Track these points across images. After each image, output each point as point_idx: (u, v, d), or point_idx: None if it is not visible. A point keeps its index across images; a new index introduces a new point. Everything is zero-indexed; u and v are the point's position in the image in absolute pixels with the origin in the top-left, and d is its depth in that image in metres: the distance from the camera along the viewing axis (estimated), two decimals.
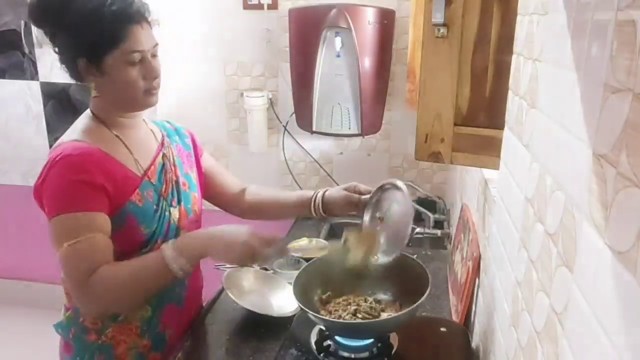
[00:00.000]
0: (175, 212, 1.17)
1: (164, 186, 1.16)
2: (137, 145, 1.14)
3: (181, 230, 1.18)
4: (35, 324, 2.63)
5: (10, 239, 2.88)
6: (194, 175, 1.27)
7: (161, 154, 1.19)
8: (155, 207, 1.12)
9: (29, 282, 2.93)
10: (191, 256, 1.04)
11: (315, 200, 1.26)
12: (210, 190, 1.34)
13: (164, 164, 1.18)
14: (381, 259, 1.13)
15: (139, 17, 1.05)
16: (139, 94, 1.08)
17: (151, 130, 1.22)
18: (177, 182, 1.20)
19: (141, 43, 1.05)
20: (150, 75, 1.08)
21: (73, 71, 1.08)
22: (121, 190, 1.06)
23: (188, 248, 1.05)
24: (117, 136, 1.11)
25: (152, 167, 1.15)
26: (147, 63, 1.08)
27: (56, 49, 1.08)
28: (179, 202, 1.19)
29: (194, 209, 1.23)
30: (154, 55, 1.10)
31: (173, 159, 1.21)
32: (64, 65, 1.09)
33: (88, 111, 1.13)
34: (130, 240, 1.08)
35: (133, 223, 1.08)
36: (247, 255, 1.05)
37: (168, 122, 1.32)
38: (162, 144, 1.21)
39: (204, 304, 1.38)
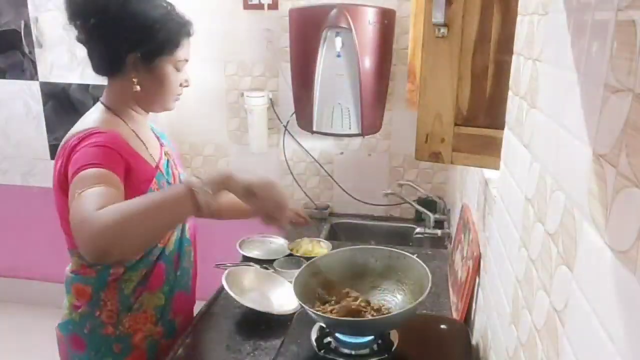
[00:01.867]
0: None
1: (172, 179, 1.22)
2: (147, 140, 1.20)
3: (186, 223, 1.24)
4: (35, 323, 2.64)
5: (10, 239, 2.88)
6: (184, 174, 1.33)
7: (164, 151, 1.25)
8: None
9: (29, 280, 2.93)
10: (214, 182, 0.97)
11: None
12: None
13: (168, 160, 1.25)
14: None
15: (189, 31, 1.19)
16: (172, 97, 1.20)
17: (151, 129, 1.28)
18: (179, 177, 1.27)
19: (188, 54, 1.21)
20: (187, 83, 1.22)
21: (115, 63, 1.12)
22: (141, 177, 1.09)
23: (210, 175, 0.99)
24: (132, 130, 1.16)
25: (161, 161, 1.21)
26: (185, 72, 1.22)
27: (85, 37, 1.09)
28: None
29: None
30: None
31: (172, 157, 1.28)
32: (99, 54, 1.12)
33: (100, 105, 1.16)
34: None
35: None
36: (267, 189, 0.99)
37: (154, 126, 1.34)
38: (161, 142, 1.27)
39: (204, 302, 1.40)
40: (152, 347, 1.20)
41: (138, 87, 1.13)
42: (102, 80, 1.18)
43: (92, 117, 1.13)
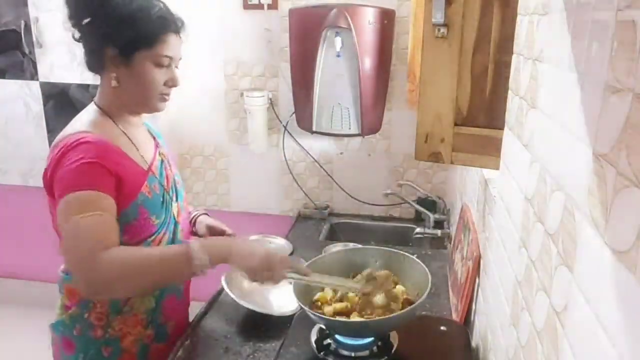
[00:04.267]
0: (174, 206, 1.21)
1: (166, 181, 1.20)
2: (139, 141, 1.18)
3: (178, 224, 1.22)
4: (34, 323, 2.63)
5: (10, 239, 2.88)
6: (180, 176, 1.32)
7: (158, 152, 1.23)
8: (161, 198, 1.16)
9: (29, 281, 2.93)
10: (215, 255, 1.03)
11: (192, 222, 1.39)
12: None
13: (162, 161, 1.22)
14: None
15: (177, 27, 1.14)
16: (155, 96, 1.14)
17: (147, 130, 1.27)
18: (174, 179, 1.25)
19: (173, 50, 1.13)
20: (172, 82, 1.15)
21: (97, 59, 1.11)
22: (132, 182, 1.08)
23: (214, 246, 1.05)
24: (123, 131, 1.14)
25: (154, 162, 1.19)
26: (172, 70, 1.15)
27: (79, 35, 1.10)
28: (176, 198, 1.23)
29: (185, 206, 1.29)
30: (176, 67, 1.17)
31: (167, 158, 1.26)
32: (87, 51, 1.12)
33: (92, 105, 1.16)
34: (142, 232, 1.10)
35: (145, 214, 1.10)
36: (265, 268, 1.04)
37: (151, 125, 1.33)
38: (157, 144, 1.26)
39: (203, 302, 1.39)
40: (143, 351, 1.18)
41: (115, 82, 1.10)
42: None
43: (83, 119, 1.12)
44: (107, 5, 1.06)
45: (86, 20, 1.08)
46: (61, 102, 2.56)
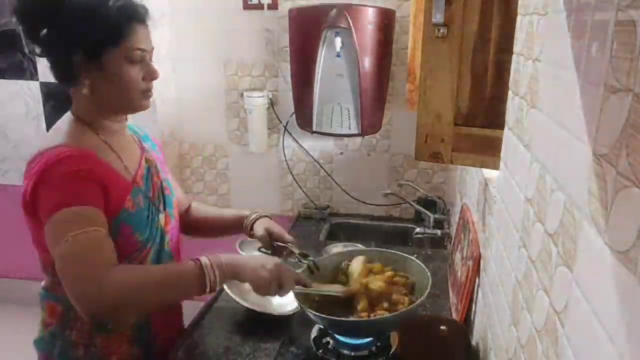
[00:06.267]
0: (161, 217, 1.15)
1: (152, 191, 1.14)
2: (123, 150, 1.10)
3: (166, 235, 1.15)
4: (34, 324, 2.64)
5: (10, 239, 2.88)
6: (170, 179, 1.25)
7: (144, 159, 1.15)
8: (146, 212, 1.09)
9: (29, 281, 2.93)
10: (226, 271, 1.00)
11: (245, 226, 1.32)
12: None
13: (148, 168, 1.15)
14: None
15: (141, 16, 1.04)
16: (136, 94, 1.06)
17: (131, 135, 1.18)
18: (161, 186, 1.18)
19: (144, 42, 1.05)
20: (150, 76, 1.07)
21: (66, 69, 1.02)
22: (116, 196, 1.02)
23: (225, 262, 1.01)
24: (104, 141, 1.07)
25: (139, 171, 1.11)
26: (147, 63, 1.06)
27: (41, 49, 1.02)
28: (164, 207, 1.17)
29: (174, 214, 1.21)
30: (151, 59, 1.09)
31: (155, 163, 1.19)
32: (53, 64, 1.04)
33: (69, 114, 1.08)
34: (125, 248, 1.03)
35: (127, 231, 1.04)
36: (275, 281, 1.02)
37: (136, 126, 1.25)
38: (143, 148, 1.18)
39: (203, 302, 1.39)
40: None
41: (86, 90, 1.01)
42: None
43: (61, 131, 1.04)
44: (61, 9, 0.97)
45: (44, 32, 0.99)
46: (61, 102, 2.55)
